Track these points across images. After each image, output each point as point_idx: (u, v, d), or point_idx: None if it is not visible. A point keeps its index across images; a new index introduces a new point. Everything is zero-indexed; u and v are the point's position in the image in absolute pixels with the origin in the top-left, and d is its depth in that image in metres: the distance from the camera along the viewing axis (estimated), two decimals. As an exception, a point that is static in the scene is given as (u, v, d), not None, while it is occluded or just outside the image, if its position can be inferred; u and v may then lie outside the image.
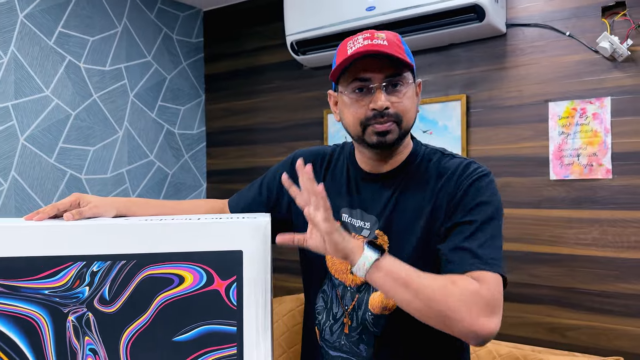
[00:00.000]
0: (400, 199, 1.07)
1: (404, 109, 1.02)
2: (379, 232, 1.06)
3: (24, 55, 2.12)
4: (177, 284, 0.97)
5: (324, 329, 1.12)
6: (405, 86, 1.03)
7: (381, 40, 1.00)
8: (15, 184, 2.09)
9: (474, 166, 1.06)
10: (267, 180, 1.26)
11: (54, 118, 2.22)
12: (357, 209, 1.10)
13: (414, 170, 1.09)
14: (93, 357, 0.96)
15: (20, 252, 0.94)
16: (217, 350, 0.97)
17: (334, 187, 1.14)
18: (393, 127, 1.02)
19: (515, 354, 1.78)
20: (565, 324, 1.88)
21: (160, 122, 2.66)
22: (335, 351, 1.10)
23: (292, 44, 2.31)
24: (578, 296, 1.87)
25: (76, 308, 0.95)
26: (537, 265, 1.93)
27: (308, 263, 1.17)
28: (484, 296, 0.90)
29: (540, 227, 1.93)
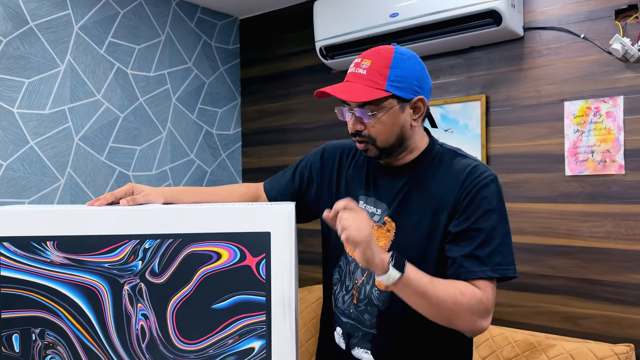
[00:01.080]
0: (410, 191, 1.19)
1: (375, 133, 1.15)
2: (387, 219, 1.19)
3: (78, 63, 2.34)
4: (215, 260, 1.13)
5: (337, 298, 1.27)
6: (379, 111, 1.13)
7: (362, 70, 1.14)
8: (70, 180, 2.31)
9: (480, 170, 1.15)
10: (299, 168, 1.40)
11: (105, 120, 2.44)
12: (372, 197, 1.24)
13: (426, 167, 1.20)
14: (144, 320, 1.13)
15: (86, 232, 1.11)
16: (249, 317, 1.13)
17: (355, 177, 1.29)
18: (369, 147, 1.17)
19: (529, 340, 1.88)
20: (580, 313, 1.97)
21: (200, 124, 2.86)
22: (345, 317, 1.24)
23: (321, 49, 2.47)
24: (592, 286, 1.95)
25: (131, 279, 1.12)
26: (553, 257, 2.02)
27: (328, 242, 1.32)
28: (484, 304, 1.08)
29: (557, 220, 2.02)
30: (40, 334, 1.12)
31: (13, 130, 2.13)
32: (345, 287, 1.26)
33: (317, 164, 1.38)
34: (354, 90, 1.13)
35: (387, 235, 1.19)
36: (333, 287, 1.30)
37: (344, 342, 1.25)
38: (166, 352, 1.12)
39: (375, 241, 1.05)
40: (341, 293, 1.26)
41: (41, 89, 2.22)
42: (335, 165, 1.34)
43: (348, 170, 1.32)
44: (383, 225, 1.19)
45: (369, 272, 1.21)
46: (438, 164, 1.20)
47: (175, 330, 1.12)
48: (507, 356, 1.87)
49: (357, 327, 1.22)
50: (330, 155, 1.37)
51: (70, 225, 1.12)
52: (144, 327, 1.12)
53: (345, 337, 1.25)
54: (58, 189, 2.27)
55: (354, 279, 1.24)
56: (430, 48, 2.26)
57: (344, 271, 1.27)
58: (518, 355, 1.85)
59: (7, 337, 1.12)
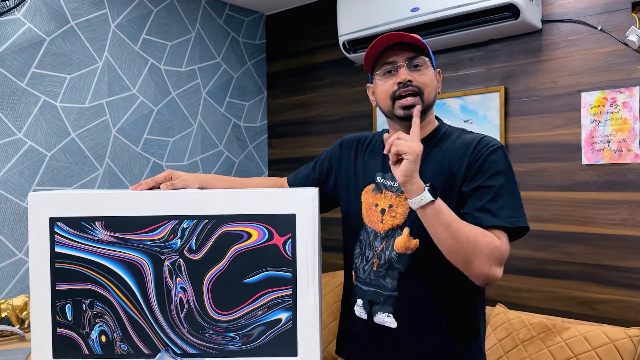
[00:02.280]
0: (424, 164, 1.28)
1: (424, 83, 1.27)
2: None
3: (115, 60, 2.48)
4: (246, 239, 1.24)
5: (358, 270, 1.38)
6: (424, 66, 1.28)
7: (403, 36, 1.27)
8: (108, 169, 2.46)
9: (488, 139, 1.28)
10: (319, 161, 1.53)
11: (140, 113, 2.58)
12: (389, 172, 1.34)
13: (437, 142, 1.32)
14: (183, 293, 1.24)
15: (131, 212, 1.24)
16: (277, 291, 1.24)
17: (372, 159, 1.40)
18: (416, 100, 1.26)
19: (545, 323, 1.95)
20: (595, 298, 2.03)
21: (228, 116, 2.98)
22: (366, 286, 1.35)
23: (344, 43, 2.55)
24: (608, 272, 2.00)
25: (170, 255, 1.24)
26: (570, 244, 2.08)
27: (348, 218, 1.43)
28: (500, 251, 1.17)
29: (573, 208, 2.08)
30: (89, 304, 1.25)
31: (56, 123, 2.29)
32: (366, 257, 1.36)
33: (336, 154, 1.50)
34: (410, 38, 1.26)
35: (405, 203, 1.29)
36: (354, 262, 1.40)
37: (365, 311, 1.35)
38: (202, 321, 1.24)
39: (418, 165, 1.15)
40: (362, 264, 1.37)
41: (81, 84, 2.37)
42: (352, 152, 1.46)
43: (365, 154, 1.43)
44: (401, 194, 1.30)
45: (388, 239, 1.30)
46: (446, 140, 1.32)
47: (211, 302, 1.24)
48: (522, 338, 1.95)
49: (379, 293, 1.32)
50: (348, 145, 1.49)
51: (116, 207, 1.24)
52: (183, 299, 1.24)
53: (367, 306, 1.35)
54: (97, 178, 2.41)
55: (374, 247, 1.34)
56: (450, 41, 2.32)
57: (364, 243, 1.37)
58: (533, 337, 1.93)
59: (61, 307, 1.25)
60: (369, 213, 1.36)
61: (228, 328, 1.24)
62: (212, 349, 1.23)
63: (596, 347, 1.80)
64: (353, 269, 1.41)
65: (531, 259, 2.16)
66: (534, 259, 2.15)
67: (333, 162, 1.49)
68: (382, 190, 1.34)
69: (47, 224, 1.25)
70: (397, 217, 1.30)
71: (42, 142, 2.24)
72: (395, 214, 1.30)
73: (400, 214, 1.29)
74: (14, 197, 2.15)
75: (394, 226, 1.30)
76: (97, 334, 1.25)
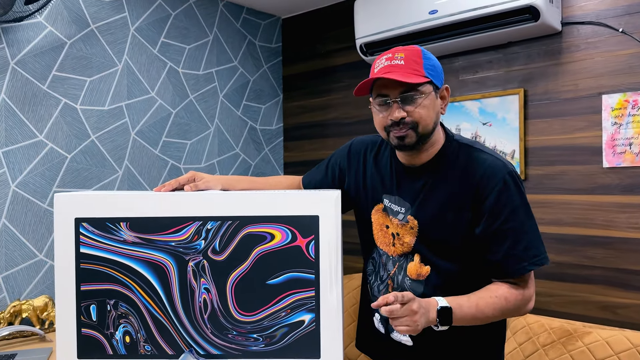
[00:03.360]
0: (431, 190, 1.27)
1: (419, 117, 1.20)
2: (410, 217, 1.28)
3: (134, 63, 2.51)
4: (270, 240, 1.24)
5: (373, 288, 1.38)
6: (421, 97, 1.20)
7: (399, 60, 1.19)
8: (127, 171, 2.48)
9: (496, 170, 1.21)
10: (331, 164, 1.50)
11: (158, 116, 2.60)
12: (396, 195, 1.32)
13: (444, 164, 1.28)
14: (207, 294, 1.25)
15: (155, 214, 1.25)
16: (300, 292, 1.24)
17: (379, 176, 1.37)
18: (409, 132, 1.21)
19: (566, 328, 1.93)
20: (617, 302, 2.00)
21: (245, 119, 3.00)
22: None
23: (361, 46, 2.56)
24: (629, 276, 1.98)
25: (195, 256, 1.25)
26: (591, 248, 2.06)
27: (362, 236, 1.43)
28: (526, 297, 1.22)
29: (594, 212, 2.06)
30: (114, 305, 1.26)
31: (76, 125, 2.31)
32: (380, 277, 1.36)
33: (345, 160, 1.47)
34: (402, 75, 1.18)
35: (411, 232, 1.28)
36: (368, 278, 1.40)
37: (382, 326, 1.36)
38: (225, 322, 1.24)
39: (421, 311, 1.11)
40: (376, 283, 1.37)
41: (101, 87, 2.39)
42: (361, 161, 1.43)
43: (372, 168, 1.40)
44: (406, 224, 1.29)
45: (400, 263, 1.31)
46: (454, 161, 1.27)
47: (234, 303, 1.25)
48: (543, 342, 1.93)
49: None
50: (356, 152, 1.46)
51: (141, 208, 1.25)
52: (206, 300, 1.24)
53: (384, 322, 1.35)
54: (117, 180, 2.43)
55: (387, 269, 1.34)
56: (469, 44, 2.32)
57: (377, 262, 1.37)
58: (554, 341, 1.91)
59: (86, 307, 1.26)
60: (380, 234, 1.36)
61: (251, 329, 1.24)
62: (236, 350, 1.24)
63: (619, 352, 1.78)
64: (368, 284, 1.41)
65: (551, 263, 2.14)
66: (554, 263, 2.13)
67: (343, 168, 1.47)
68: (389, 216, 1.33)
69: (73, 224, 1.26)
70: (405, 245, 1.30)
71: (63, 144, 2.27)
72: (403, 243, 1.31)
73: (407, 243, 1.30)
74: (34, 199, 2.17)
75: (404, 252, 1.31)
76: (121, 334, 1.26)
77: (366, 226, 1.37)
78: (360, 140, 1.49)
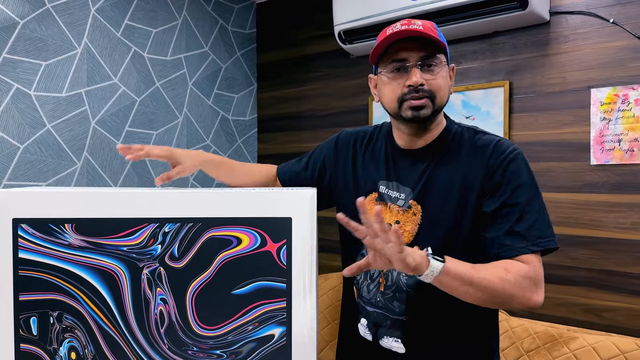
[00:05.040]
0: (434, 172, 1.16)
1: (437, 86, 1.12)
2: (413, 202, 1.16)
3: (95, 46, 2.32)
4: (236, 245, 1.10)
5: (361, 288, 1.24)
6: (439, 66, 1.13)
7: (417, 26, 1.10)
8: (87, 164, 2.30)
9: (504, 146, 1.13)
10: (312, 159, 1.38)
11: (121, 104, 2.42)
12: (393, 181, 1.21)
13: (447, 146, 1.18)
14: (163, 305, 1.11)
15: (105, 214, 1.10)
16: (270, 303, 1.11)
17: (373, 162, 1.26)
18: (427, 102, 1.12)
19: (550, 332, 1.85)
20: (602, 305, 1.93)
21: (216, 109, 2.83)
22: (371, 307, 1.21)
23: (339, 34, 2.42)
24: (616, 278, 1.90)
25: (150, 263, 1.11)
26: (576, 248, 1.98)
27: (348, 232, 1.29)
28: (532, 277, 1.04)
29: (581, 211, 1.98)
30: (58, 317, 1.11)
31: (30, 113, 2.12)
32: (370, 275, 1.23)
33: (331, 153, 1.35)
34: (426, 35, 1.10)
35: (414, 218, 1.16)
36: (356, 277, 1.27)
37: (370, 333, 1.23)
38: (185, 337, 1.11)
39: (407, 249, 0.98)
40: (365, 282, 1.24)
41: (58, 72, 2.21)
42: (350, 153, 1.31)
43: (364, 158, 1.29)
44: (409, 209, 1.17)
45: None
46: (459, 143, 1.18)
47: (195, 316, 1.11)
48: (527, 348, 1.84)
49: (386, 316, 1.20)
50: (344, 143, 1.34)
51: (89, 207, 1.10)
52: (163, 312, 1.10)
53: (372, 328, 1.22)
54: (75, 173, 2.26)
55: None
56: (453, 32, 2.20)
57: None
58: (539, 347, 1.82)
59: (25, 320, 1.11)
60: None
61: (214, 345, 1.10)
62: (196, 369, 1.10)
63: (606, 359, 1.70)
64: (355, 285, 1.27)
65: (535, 264, 2.05)
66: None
67: (327, 162, 1.35)
68: (387, 203, 1.21)
69: (10, 225, 1.10)
70: (404, 235, 1.16)
71: (15, 134, 2.08)
72: (402, 232, 1.16)
73: (408, 232, 1.16)
74: (-18, 193, 1.98)
75: None
76: (66, 350, 1.11)
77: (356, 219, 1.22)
78: (347, 132, 1.37)
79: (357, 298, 1.26)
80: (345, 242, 1.33)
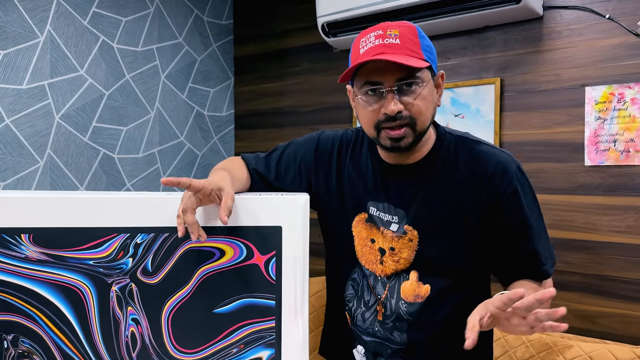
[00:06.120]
0: (429, 193, 1.05)
1: (418, 112, 0.98)
2: (408, 227, 1.05)
3: (59, 35, 2.15)
4: (218, 258, 0.98)
5: (355, 316, 1.13)
6: (420, 86, 0.98)
7: (393, 39, 0.95)
8: (51, 162, 2.13)
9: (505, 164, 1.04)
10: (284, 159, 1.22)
11: (88, 97, 2.25)
12: (384, 202, 1.08)
13: (442, 161, 1.06)
14: (135, 326, 0.98)
15: (67, 223, 0.96)
16: (256, 323, 0.99)
17: (360, 180, 1.12)
18: (407, 131, 0.98)
19: (544, 340, 1.77)
20: (597, 312, 1.86)
21: (191, 104, 2.68)
22: (368, 336, 1.11)
23: (323, 26, 2.30)
24: (611, 284, 1.84)
25: (120, 279, 0.97)
26: (570, 252, 1.91)
27: (336, 252, 1.17)
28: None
29: (574, 213, 1.91)
30: (13, 341, 0.97)
31: (-14, 106, 1.95)
32: (365, 303, 1.11)
33: (310, 157, 1.18)
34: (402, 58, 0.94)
35: (410, 245, 1.05)
36: (347, 304, 1.15)
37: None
38: (160, 362, 0.98)
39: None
40: (360, 310, 1.12)
41: (18, 62, 2.03)
42: (334, 162, 1.15)
43: (349, 171, 1.13)
44: (404, 235, 1.05)
45: (391, 284, 1.07)
46: (454, 158, 1.06)
47: (171, 338, 0.98)
48: (521, 357, 1.76)
49: (386, 345, 1.09)
50: (325, 148, 1.17)
51: (49, 215, 0.96)
52: (135, 334, 0.97)
53: (370, 357, 1.12)
54: (37, 172, 2.09)
55: (376, 294, 1.09)
56: (442, 27, 2.11)
57: (360, 284, 1.12)
58: (533, 356, 1.74)
59: (-25, 344, 0.97)
60: (364, 250, 1.10)
61: (193, 371, 0.98)
62: (173, 399, 0.97)
63: (604, 368, 1.63)
64: (347, 311, 1.15)
65: (527, 268, 1.98)
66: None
67: (304, 167, 1.18)
68: (379, 227, 1.08)
69: (-44, 236, 0.96)
70: (400, 262, 1.06)
71: (-31, 129, 1.90)
72: (398, 259, 1.06)
73: (404, 259, 1.06)
74: None
75: (398, 270, 1.07)
76: (22, 378, 0.97)
77: (345, 241, 1.10)
78: (328, 135, 1.19)
79: (352, 325, 1.14)
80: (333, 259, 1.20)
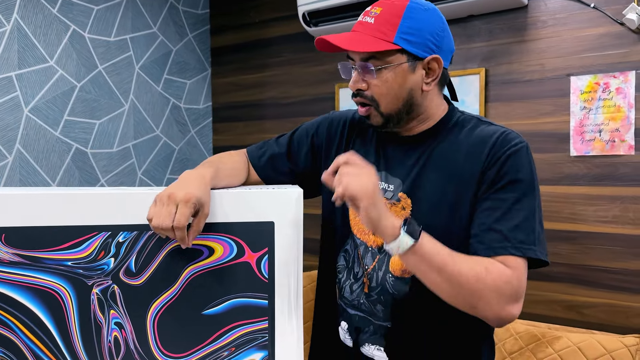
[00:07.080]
0: (428, 164, 1.03)
1: (378, 93, 1.01)
2: (402, 195, 1.04)
3: (27, 24, 2.04)
4: (207, 256, 0.93)
5: (343, 287, 1.11)
6: (386, 68, 0.99)
7: (370, 17, 1.00)
8: (20, 157, 2.03)
9: (510, 137, 1.00)
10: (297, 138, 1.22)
11: (59, 90, 2.15)
12: (382, 171, 1.08)
13: (445, 135, 1.05)
14: (119, 331, 0.92)
15: (43, 222, 0.89)
16: (248, 324, 0.94)
17: (362, 150, 1.12)
18: (371, 110, 1.03)
19: (533, 332, 1.76)
20: (583, 302, 1.86)
21: (166, 96, 2.59)
22: (353, 309, 1.08)
23: (304, 15, 2.24)
24: (596, 274, 1.84)
25: (101, 280, 0.91)
26: (556, 243, 1.91)
27: (332, 222, 1.14)
28: (513, 286, 0.91)
29: (560, 204, 1.90)
30: (-16, 349, 0.90)
31: (-51, 98, 1.84)
32: (354, 274, 1.08)
33: (324, 134, 1.20)
34: (358, 40, 0.98)
35: (403, 213, 1.03)
36: (337, 275, 1.12)
37: (350, 338, 1.09)
38: (146, 368, 0.92)
39: (382, 200, 0.89)
40: (348, 281, 1.09)
41: (-18, 52, 1.92)
42: (344, 137, 1.17)
43: (355, 142, 1.16)
44: (397, 202, 1.03)
45: (381, 256, 1.04)
46: (458, 132, 1.05)
47: (157, 342, 0.92)
48: (510, 349, 1.75)
49: (368, 320, 1.06)
50: (339, 126, 1.20)
51: (22, 213, 0.89)
52: (118, 339, 0.91)
53: (353, 333, 1.08)
54: (5, 168, 1.98)
55: (364, 265, 1.07)
56: (426, 16, 2.07)
57: (351, 256, 1.09)
58: (522, 348, 1.73)
59: (-58, 354, 0.89)
60: (357, 219, 1.09)
61: (182, 376, 0.92)
62: (161, 407, 0.92)
63: (592, 358, 1.63)
64: (337, 284, 1.12)
65: (513, 260, 1.97)
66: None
67: (317, 143, 1.20)
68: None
69: None
70: None
71: None
72: None
73: None
74: None
75: None
76: (-4, 390, 0.90)
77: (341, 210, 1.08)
78: (340, 114, 1.23)
79: (339, 299, 1.11)
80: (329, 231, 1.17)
